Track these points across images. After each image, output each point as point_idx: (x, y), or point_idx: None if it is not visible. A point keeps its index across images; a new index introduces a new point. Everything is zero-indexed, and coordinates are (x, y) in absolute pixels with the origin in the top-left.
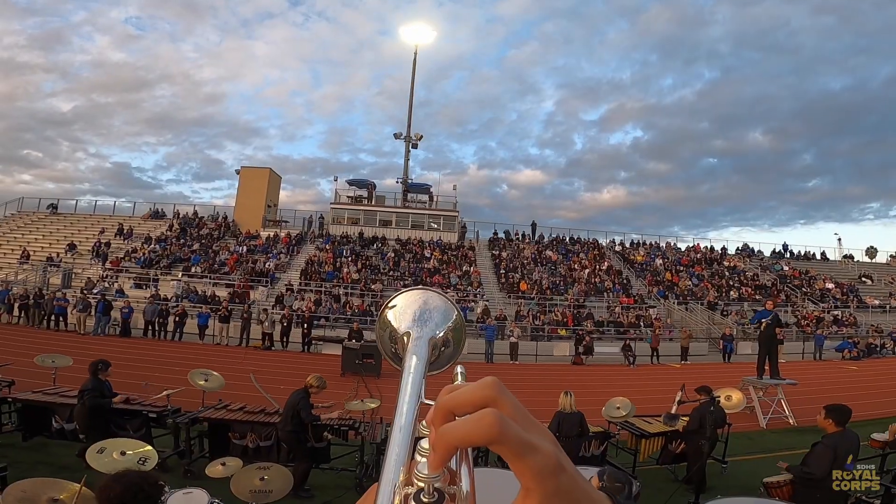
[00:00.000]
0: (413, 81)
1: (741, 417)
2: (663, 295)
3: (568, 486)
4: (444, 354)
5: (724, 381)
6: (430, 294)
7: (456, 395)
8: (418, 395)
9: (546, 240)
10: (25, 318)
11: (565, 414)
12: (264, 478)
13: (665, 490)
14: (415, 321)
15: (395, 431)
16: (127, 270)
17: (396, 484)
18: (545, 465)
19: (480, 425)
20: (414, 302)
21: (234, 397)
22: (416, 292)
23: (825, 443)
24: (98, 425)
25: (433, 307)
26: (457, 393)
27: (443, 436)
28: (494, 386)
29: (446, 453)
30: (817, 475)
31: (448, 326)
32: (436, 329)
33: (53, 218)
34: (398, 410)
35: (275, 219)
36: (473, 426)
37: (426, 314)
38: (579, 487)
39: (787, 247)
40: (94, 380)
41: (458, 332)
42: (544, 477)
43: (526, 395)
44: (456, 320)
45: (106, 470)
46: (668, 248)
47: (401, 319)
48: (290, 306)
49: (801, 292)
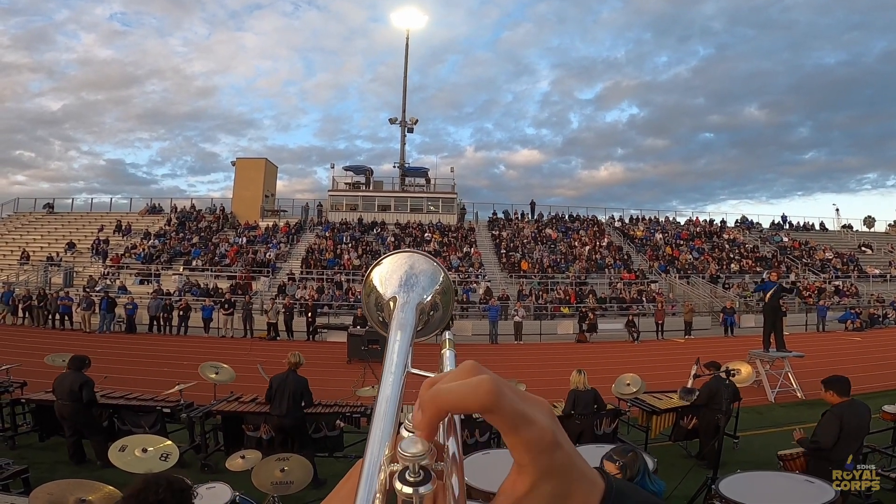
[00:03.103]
0: (406, 66)
1: (749, 391)
2: (664, 269)
3: (563, 462)
4: (433, 319)
5: (728, 355)
6: (417, 257)
7: (443, 376)
8: (405, 365)
9: (545, 218)
10: (30, 318)
11: (580, 392)
12: (284, 469)
13: (678, 466)
14: (401, 286)
15: (381, 403)
16: (128, 267)
17: (381, 460)
18: (540, 440)
19: (477, 391)
20: (400, 266)
21: (244, 389)
22: (401, 255)
23: (832, 411)
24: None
25: (419, 271)
26: (443, 375)
27: (434, 398)
28: (476, 367)
29: (436, 418)
30: (824, 445)
31: (435, 290)
32: (423, 293)
33: (50, 217)
34: (383, 381)
35: (273, 209)
36: (469, 390)
37: (412, 278)
38: (575, 465)
39: (787, 218)
40: (81, 374)
41: (446, 294)
42: (539, 452)
43: (532, 374)
44: (443, 282)
45: (129, 468)
46: (667, 222)
47: (386, 284)
48: (293, 295)
49: (802, 263)
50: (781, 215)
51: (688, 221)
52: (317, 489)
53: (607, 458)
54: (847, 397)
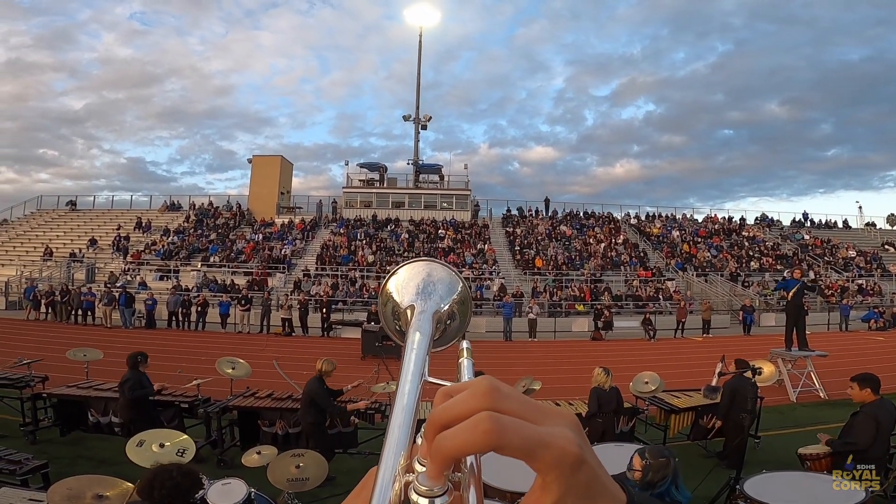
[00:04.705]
0: (419, 63)
1: (770, 391)
2: (681, 267)
3: (587, 479)
4: (450, 328)
5: (747, 354)
6: (434, 265)
7: (448, 408)
8: (421, 374)
9: (560, 215)
10: (53, 313)
11: (604, 391)
12: (300, 465)
13: (698, 466)
14: (418, 294)
15: (397, 412)
16: (148, 263)
17: (397, 469)
18: (560, 461)
19: (476, 433)
20: (417, 274)
21: (260, 384)
22: (419, 264)
23: (866, 412)
24: (141, 417)
25: (437, 279)
26: (449, 405)
27: (439, 448)
28: (489, 391)
29: (444, 465)
30: (861, 446)
31: (453, 299)
32: (440, 302)
33: (73, 214)
34: (399, 390)
35: (288, 205)
36: (469, 434)
37: (430, 287)
38: (598, 481)
39: (808, 215)
40: (134, 372)
41: (463, 304)
42: (561, 472)
43: (547, 372)
44: (461, 292)
45: (146, 463)
46: (684, 219)
47: (403, 293)
48: (308, 291)
49: (824, 261)
50: (803, 213)
51: (706, 218)
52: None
53: (639, 453)
54: (879, 396)
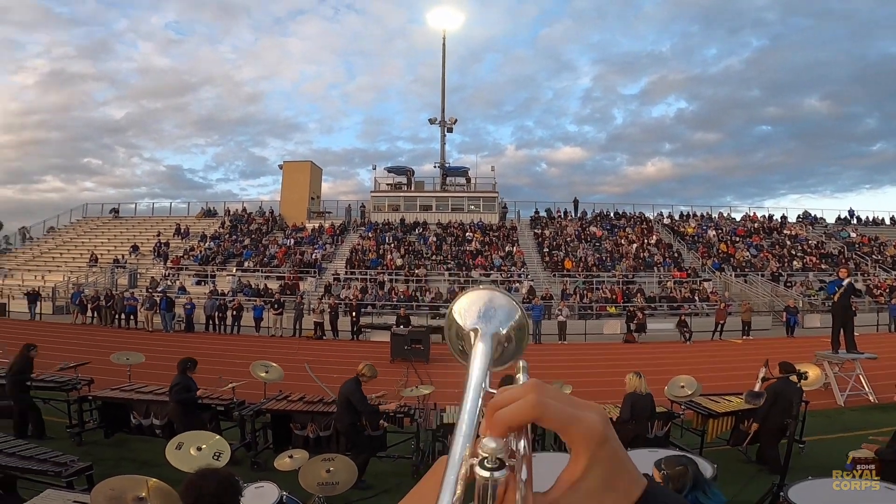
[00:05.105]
0: (444, 66)
1: (817, 395)
2: (718, 267)
3: (610, 455)
4: (506, 351)
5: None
6: (495, 293)
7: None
8: (482, 385)
9: (589, 216)
10: (98, 317)
11: (638, 395)
12: (330, 469)
13: (738, 471)
14: (479, 317)
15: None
16: (186, 268)
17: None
18: (589, 434)
19: (525, 406)
20: (479, 300)
21: (293, 388)
22: (481, 291)
23: None
24: (188, 420)
25: (498, 305)
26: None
27: (497, 418)
28: (536, 384)
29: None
30: None
31: (511, 325)
32: (500, 325)
33: (116, 222)
34: (465, 397)
35: (318, 210)
36: (520, 406)
37: (490, 311)
38: (621, 458)
39: (854, 212)
40: (182, 376)
41: (520, 331)
42: (588, 444)
43: (577, 375)
44: (519, 319)
45: (184, 465)
46: (720, 218)
47: (466, 316)
48: (338, 295)
49: (872, 259)
50: (848, 209)
51: (744, 217)
52: (359, 491)
53: (656, 466)
54: None
